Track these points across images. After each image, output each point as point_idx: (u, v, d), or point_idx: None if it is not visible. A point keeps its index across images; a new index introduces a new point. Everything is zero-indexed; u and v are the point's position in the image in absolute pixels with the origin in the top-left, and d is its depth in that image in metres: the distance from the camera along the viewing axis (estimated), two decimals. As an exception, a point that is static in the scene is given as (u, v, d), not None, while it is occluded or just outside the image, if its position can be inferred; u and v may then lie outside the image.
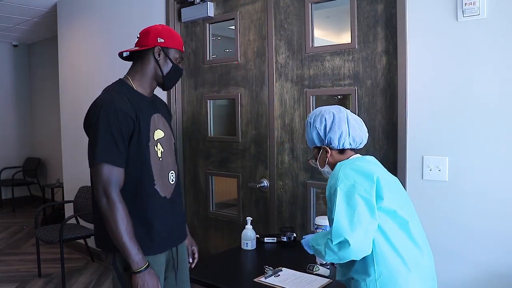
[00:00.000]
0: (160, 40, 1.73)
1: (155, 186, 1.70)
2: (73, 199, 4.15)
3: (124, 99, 1.66)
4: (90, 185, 4.38)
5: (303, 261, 2.06)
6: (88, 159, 1.63)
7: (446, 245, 2.08)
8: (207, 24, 3.16)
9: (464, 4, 1.97)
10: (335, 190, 1.53)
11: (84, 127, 1.70)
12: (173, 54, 1.77)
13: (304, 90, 2.64)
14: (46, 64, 6.64)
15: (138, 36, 1.79)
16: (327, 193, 1.63)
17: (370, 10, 2.35)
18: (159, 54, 1.74)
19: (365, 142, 1.75)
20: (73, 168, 4.54)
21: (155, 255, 1.69)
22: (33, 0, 4.52)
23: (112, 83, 1.78)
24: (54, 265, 4.07)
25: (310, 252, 1.69)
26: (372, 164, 1.67)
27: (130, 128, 1.62)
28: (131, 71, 1.79)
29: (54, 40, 4.96)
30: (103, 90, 1.73)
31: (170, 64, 1.76)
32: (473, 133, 2.00)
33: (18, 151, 7.09)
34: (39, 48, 6.91)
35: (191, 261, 1.97)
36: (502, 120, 1.93)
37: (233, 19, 2.99)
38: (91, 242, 4.20)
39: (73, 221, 4.13)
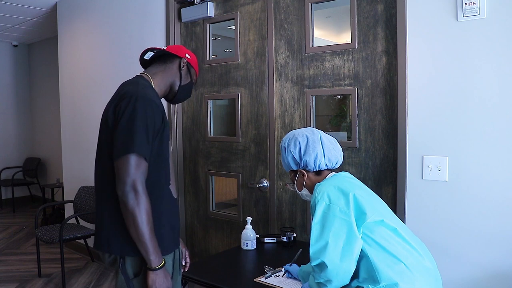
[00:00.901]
0: (188, 56, 1.85)
1: (170, 186, 1.70)
2: (73, 199, 4.15)
3: (154, 94, 1.67)
4: (90, 185, 4.30)
5: (303, 261, 2.06)
6: (115, 149, 1.53)
7: (446, 245, 2.08)
8: (207, 24, 3.16)
9: (464, 4, 1.97)
10: (314, 213, 1.57)
11: (108, 117, 1.60)
12: (193, 73, 1.88)
13: (304, 90, 2.64)
14: (46, 64, 6.64)
15: (165, 47, 1.86)
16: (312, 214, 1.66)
17: (370, 10, 2.35)
18: (183, 66, 1.81)
19: (340, 161, 1.77)
20: (73, 168, 4.54)
21: (163, 257, 1.65)
22: (33, 0, 4.53)
23: (134, 77, 1.75)
24: (54, 265, 4.07)
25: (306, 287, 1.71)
26: (347, 180, 1.69)
27: (160, 123, 1.61)
28: (152, 70, 1.79)
29: (54, 40, 4.97)
30: (126, 83, 1.69)
31: (189, 79, 1.86)
32: (473, 133, 2.00)
33: (18, 151, 7.10)
34: (39, 48, 6.92)
35: (184, 263, 1.94)
36: (502, 120, 1.93)
37: (233, 19, 2.99)
38: (91, 242, 4.20)
39: (73, 221, 4.13)
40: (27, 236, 5.13)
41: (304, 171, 1.74)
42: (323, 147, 1.71)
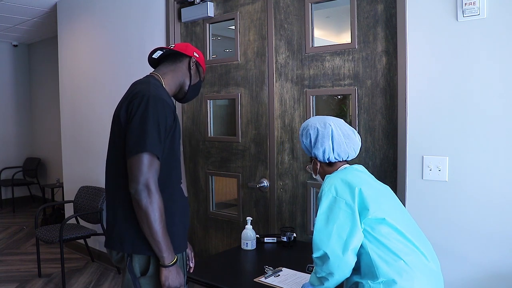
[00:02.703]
0: (196, 55, 1.85)
1: (181, 185, 1.72)
2: (73, 199, 4.15)
3: (166, 93, 1.68)
4: (90, 185, 4.31)
5: (303, 261, 2.06)
6: (128, 148, 1.54)
7: (446, 245, 2.08)
8: (207, 24, 3.17)
9: (464, 4, 1.97)
10: (320, 204, 1.58)
11: (120, 116, 1.61)
12: (201, 71, 1.89)
13: (304, 90, 2.64)
14: (46, 64, 6.64)
15: (173, 45, 1.85)
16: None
17: (370, 10, 2.35)
18: (193, 65, 1.82)
19: (353, 155, 1.76)
20: (73, 168, 4.54)
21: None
22: (33, 0, 4.53)
23: (144, 77, 1.76)
24: (54, 265, 4.07)
25: None
26: (357, 174, 1.68)
27: (172, 122, 1.62)
28: (162, 70, 1.80)
29: (54, 40, 4.97)
30: (138, 83, 1.70)
31: (198, 78, 1.87)
32: (473, 133, 2.00)
33: (18, 151, 7.09)
34: (39, 48, 6.91)
35: (191, 265, 1.94)
36: (502, 119, 1.93)
37: (233, 19, 2.99)
38: (91, 242, 4.20)
39: (73, 221, 4.13)
40: (27, 236, 5.13)
41: (316, 160, 1.76)
42: (332, 142, 1.70)
